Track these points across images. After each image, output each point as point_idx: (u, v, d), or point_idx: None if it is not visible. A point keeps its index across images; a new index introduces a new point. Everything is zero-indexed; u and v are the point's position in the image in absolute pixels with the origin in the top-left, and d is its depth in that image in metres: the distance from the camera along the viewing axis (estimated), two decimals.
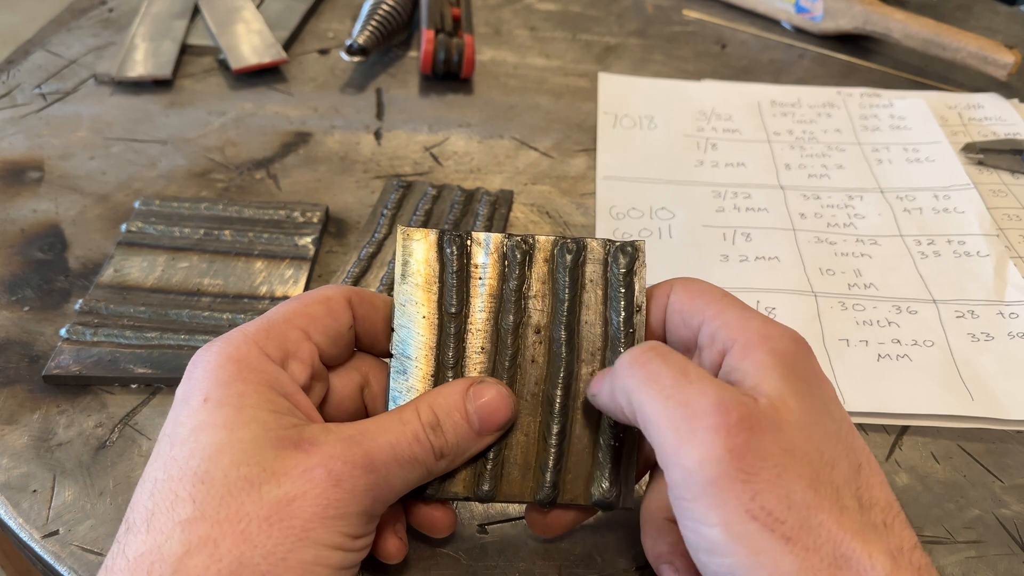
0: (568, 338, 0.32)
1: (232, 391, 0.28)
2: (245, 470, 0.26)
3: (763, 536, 0.24)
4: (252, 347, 0.29)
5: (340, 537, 0.27)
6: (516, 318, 0.33)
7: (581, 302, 0.33)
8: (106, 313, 0.44)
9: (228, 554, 0.25)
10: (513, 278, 0.33)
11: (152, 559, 0.25)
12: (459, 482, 0.32)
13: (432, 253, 0.33)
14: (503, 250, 0.33)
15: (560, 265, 0.33)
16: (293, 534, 0.26)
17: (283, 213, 0.51)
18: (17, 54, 0.67)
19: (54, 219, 0.51)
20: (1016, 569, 0.36)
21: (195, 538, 0.25)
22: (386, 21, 0.66)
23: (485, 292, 0.33)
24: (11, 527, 0.35)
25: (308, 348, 0.30)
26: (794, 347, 0.28)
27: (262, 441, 0.27)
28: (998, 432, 0.42)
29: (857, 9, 0.71)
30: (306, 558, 0.26)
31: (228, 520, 0.26)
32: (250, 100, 0.63)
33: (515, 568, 0.35)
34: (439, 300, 0.33)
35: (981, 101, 0.66)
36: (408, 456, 0.29)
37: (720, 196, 0.55)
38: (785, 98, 0.66)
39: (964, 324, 0.46)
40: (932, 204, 0.55)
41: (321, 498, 0.27)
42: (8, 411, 0.40)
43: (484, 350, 0.32)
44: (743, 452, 0.25)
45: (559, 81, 0.68)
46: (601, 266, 0.33)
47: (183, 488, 0.26)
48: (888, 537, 0.25)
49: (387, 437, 0.29)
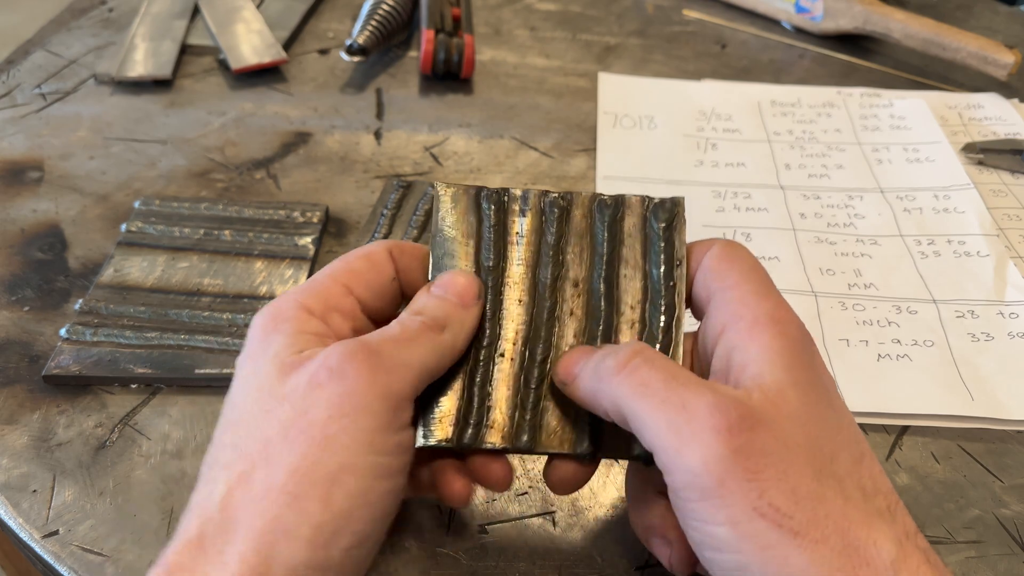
0: (607, 291, 0.32)
1: (264, 342, 0.29)
2: (262, 403, 0.27)
3: (772, 532, 0.24)
4: (291, 302, 0.30)
5: (366, 436, 0.26)
6: (554, 271, 0.32)
7: (620, 256, 0.32)
8: (106, 313, 0.44)
9: (257, 482, 0.26)
10: (551, 232, 0.33)
11: (204, 505, 0.26)
12: (496, 432, 0.31)
13: (469, 208, 0.33)
14: (540, 206, 0.33)
15: (598, 220, 0.33)
16: (314, 444, 0.26)
17: (283, 213, 0.51)
18: (17, 54, 0.67)
19: (54, 219, 0.51)
20: (1016, 569, 0.36)
21: (234, 476, 0.26)
22: (386, 21, 0.66)
23: (523, 246, 0.33)
24: (11, 527, 0.35)
25: (350, 302, 0.31)
26: (801, 334, 0.28)
27: (272, 372, 0.27)
28: (998, 432, 0.42)
29: (857, 9, 0.71)
30: (331, 468, 0.26)
31: (256, 451, 0.26)
32: (250, 100, 0.63)
33: (515, 568, 0.35)
34: (475, 254, 0.33)
35: (981, 101, 0.66)
36: (404, 336, 0.29)
37: (720, 196, 0.55)
38: (785, 98, 0.66)
39: (964, 324, 0.46)
40: (932, 204, 0.55)
41: (332, 396, 0.26)
42: (8, 411, 0.40)
43: (522, 302, 0.32)
44: (747, 452, 0.25)
45: (559, 81, 0.68)
46: (640, 220, 0.33)
47: (227, 437, 0.27)
48: (893, 524, 0.26)
49: (379, 331, 0.29)
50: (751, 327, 0.28)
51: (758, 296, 0.29)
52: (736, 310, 0.29)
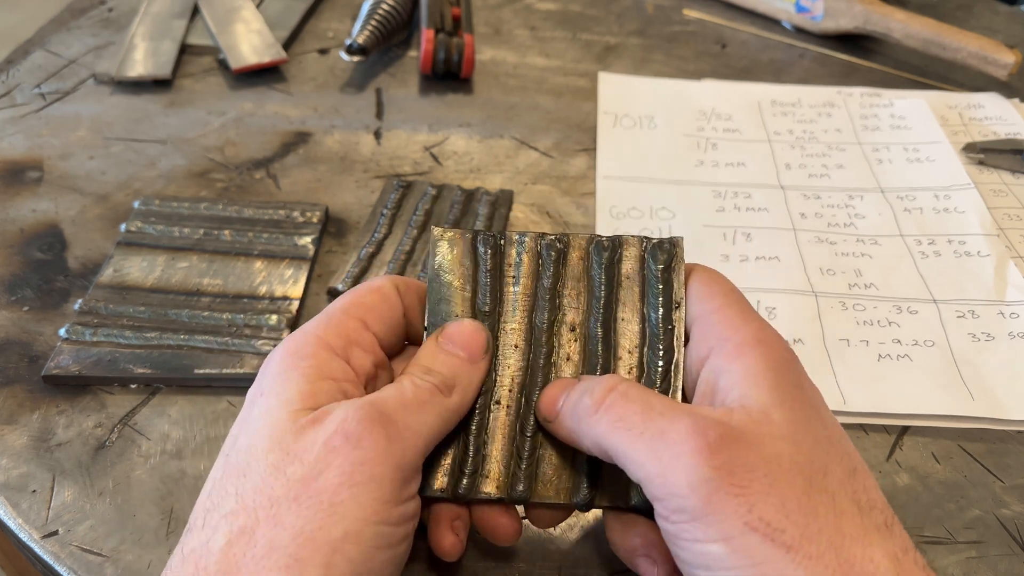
0: (604, 335, 0.32)
1: (279, 381, 0.28)
2: (272, 457, 0.27)
3: (764, 547, 0.24)
4: (310, 338, 0.29)
5: (373, 506, 0.26)
6: (551, 316, 0.32)
7: (617, 299, 0.32)
8: (106, 313, 0.44)
9: (261, 540, 0.25)
10: (547, 276, 0.33)
11: (200, 553, 0.26)
12: (492, 482, 0.31)
13: (465, 253, 0.33)
14: (537, 249, 0.33)
15: (595, 262, 0.33)
16: (321, 509, 0.25)
17: (283, 213, 0.50)
18: (17, 54, 0.67)
19: (54, 219, 0.51)
20: (1016, 569, 0.36)
21: (236, 528, 0.26)
22: (386, 21, 0.66)
23: (519, 291, 0.33)
24: (10, 527, 0.35)
25: (368, 337, 0.31)
26: (787, 355, 0.29)
27: (285, 425, 0.27)
28: (999, 432, 0.41)
29: (857, 9, 0.71)
30: (335, 535, 0.25)
31: (261, 507, 0.26)
32: (250, 100, 0.63)
33: (515, 568, 0.35)
34: (472, 299, 0.32)
35: (981, 101, 0.66)
36: (415, 399, 0.28)
37: (720, 196, 0.55)
38: (785, 98, 0.66)
39: (965, 324, 0.46)
40: (932, 204, 0.55)
41: (345, 464, 0.26)
42: (8, 411, 0.40)
43: (518, 348, 0.32)
44: (730, 468, 0.25)
45: (559, 81, 0.68)
46: (637, 263, 0.32)
47: (230, 484, 0.27)
48: (890, 539, 0.25)
49: (390, 391, 0.29)
50: (737, 349, 0.28)
51: (742, 319, 0.29)
52: (721, 333, 0.29)
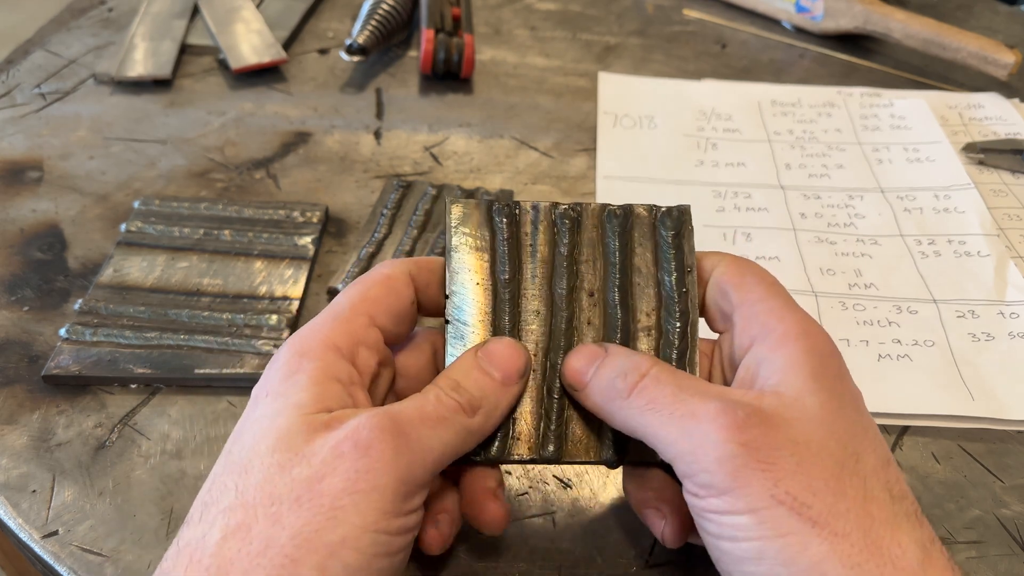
0: (622, 299, 0.32)
1: (288, 383, 0.28)
2: (279, 456, 0.26)
3: (791, 519, 0.25)
4: (318, 339, 0.29)
5: (373, 515, 0.26)
6: (569, 282, 0.33)
7: (632, 265, 0.33)
8: (106, 313, 0.44)
9: (258, 537, 0.25)
10: (563, 244, 0.33)
11: (195, 546, 0.26)
12: (523, 444, 0.31)
13: (482, 222, 0.33)
14: (552, 218, 0.33)
15: (609, 230, 0.33)
16: (321, 512, 0.25)
17: (283, 213, 0.50)
18: (17, 54, 0.67)
19: (54, 219, 0.51)
20: (1017, 569, 0.36)
21: (232, 524, 0.26)
22: (386, 21, 0.66)
23: (537, 259, 0.33)
24: (10, 527, 0.35)
25: (374, 334, 0.30)
26: (829, 347, 0.29)
27: (296, 427, 0.27)
28: (999, 432, 0.41)
29: (857, 9, 0.71)
30: (332, 539, 0.25)
31: (261, 504, 0.26)
32: (250, 100, 0.63)
33: (515, 568, 0.35)
34: (491, 267, 0.33)
35: (981, 101, 0.66)
36: (434, 415, 0.28)
37: (720, 196, 0.55)
38: (785, 98, 0.66)
39: (965, 324, 0.46)
40: (932, 204, 0.55)
41: (350, 470, 0.26)
42: (8, 411, 0.40)
43: (539, 314, 0.32)
44: (757, 445, 0.25)
45: (559, 81, 0.67)
46: (649, 229, 0.33)
47: (230, 479, 0.27)
48: (919, 528, 0.26)
49: (411, 403, 0.29)
50: (780, 340, 0.29)
51: (786, 310, 0.30)
52: (766, 323, 0.29)
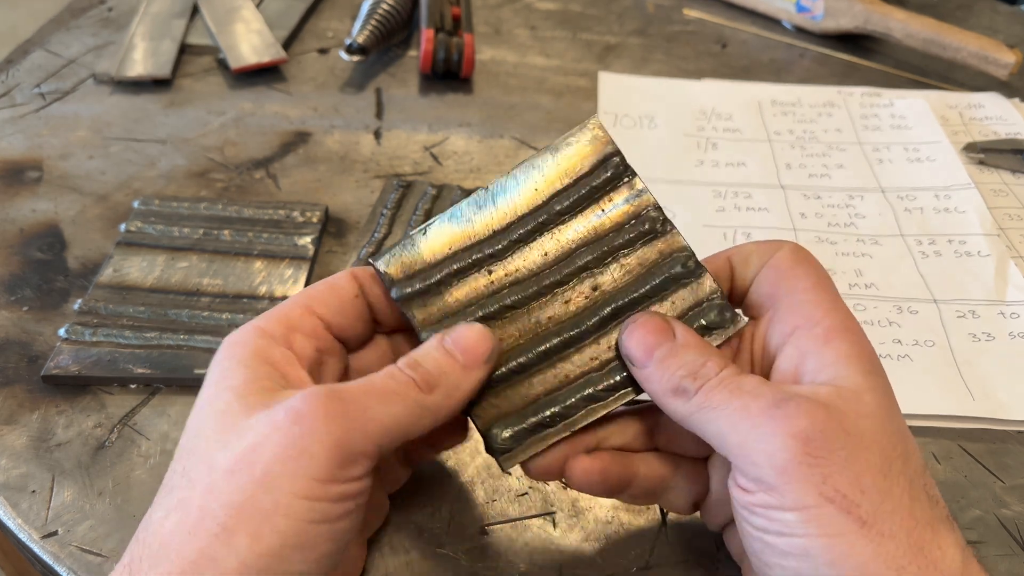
0: (612, 314, 0.31)
1: (221, 370, 0.29)
2: (218, 434, 0.27)
3: (839, 518, 0.24)
4: (251, 330, 0.30)
5: (304, 482, 0.26)
6: (592, 261, 0.32)
7: (651, 307, 0.31)
8: (105, 313, 0.44)
9: (195, 509, 0.26)
10: (624, 236, 0.32)
11: (143, 529, 0.27)
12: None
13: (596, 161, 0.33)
14: (642, 211, 0.32)
15: (665, 267, 0.31)
16: (254, 481, 0.25)
17: (283, 213, 0.50)
18: (16, 54, 0.67)
19: (53, 219, 0.51)
20: (1017, 569, 0.36)
21: (175, 502, 0.26)
22: (386, 20, 0.66)
23: (592, 223, 0.32)
24: (10, 527, 0.35)
25: (311, 321, 0.31)
26: (872, 347, 0.29)
27: (234, 406, 0.27)
28: (999, 432, 0.41)
29: (858, 8, 0.71)
30: (264, 506, 0.25)
31: (200, 479, 0.26)
32: (249, 100, 0.63)
33: (515, 568, 0.35)
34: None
35: (982, 101, 0.66)
36: (383, 387, 0.28)
37: (721, 196, 0.55)
38: (785, 97, 0.66)
39: (965, 324, 0.46)
40: (933, 204, 0.55)
41: (283, 438, 0.26)
42: (7, 411, 0.40)
43: (537, 266, 0.32)
44: (808, 438, 0.25)
45: (559, 80, 0.67)
46: (692, 295, 0.31)
47: (179, 465, 0.28)
48: (956, 532, 0.26)
49: (362, 379, 0.29)
50: (827, 334, 0.28)
51: (832, 304, 0.29)
52: (811, 315, 0.29)
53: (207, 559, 0.25)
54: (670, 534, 0.36)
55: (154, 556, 0.26)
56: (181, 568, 0.25)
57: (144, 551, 0.26)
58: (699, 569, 0.35)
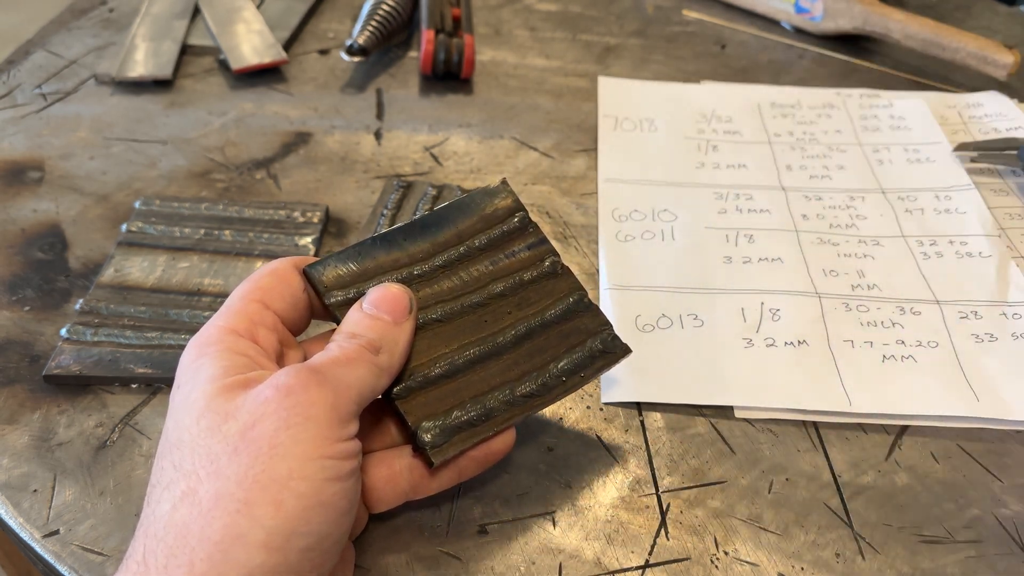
0: (526, 333, 0.36)
1: (193, 369, 0.30)
2: (205, 422, 0.28)
3: None
4: (213, 327, 0.31)
5: (313, 442, 0.27)
6: (507, 290, 0.36)
7: (556, 329, 0.36)
8: (106, 313, 0.44)
9: (205, 494, 0.26)
10: (531, 273, 0.37)
11: (148, 524, 0.27)
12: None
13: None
14: (544, 256, 0.38)
15: (566, 300, 0.37)
16: (262, 454, 0.26)
17: (283, 213, 0.50)
18: (17, 54, 0.67)
19: (54, 219, 0.51)
20: (1016, 569, 0.36)
21: (178, 494, 0.27)
22: (386, 21, 0.66)
23: (505, 260, 0.37)
24: (11, 527, 0.35)
25: (270, 316, 0.32)
26: None
27: (214, 394, 0.28)
28: (998, 432, 0.41)
29: (857, 9, 0.71)
30: (279, 474, 0.26)
31: (201, 467, 0.27)
32: (250, 100, 0.63)
33: (515, 568, 0.35)
34: None
35: (981, 99, 0.66)
36: (343, 357, 0.30)
37: (722, 198, 0.55)
38: (785, 99, 0.66)
39: (968, 325, 0.46)
40: (933, 204, 0.55)
41: (279, 410, 0.27)
42: (8, 411, 0.40)
43: (456, 287, 0.36)
44: None
45: (559, 81, 0.68)
46: (590, 323, 0.37)
47: (166, 460, 0.28)
48: None
49: (320, 355, 0.30)
50: None
51: None
52: None
53: (232, 536, 0.25)
54: (670, 534, 0.36)
55: (171, 547, 0.26)
56: (207, 552, 0.25)
57: (157, 545, 0.26)
58: (699, 569, 0.35)
